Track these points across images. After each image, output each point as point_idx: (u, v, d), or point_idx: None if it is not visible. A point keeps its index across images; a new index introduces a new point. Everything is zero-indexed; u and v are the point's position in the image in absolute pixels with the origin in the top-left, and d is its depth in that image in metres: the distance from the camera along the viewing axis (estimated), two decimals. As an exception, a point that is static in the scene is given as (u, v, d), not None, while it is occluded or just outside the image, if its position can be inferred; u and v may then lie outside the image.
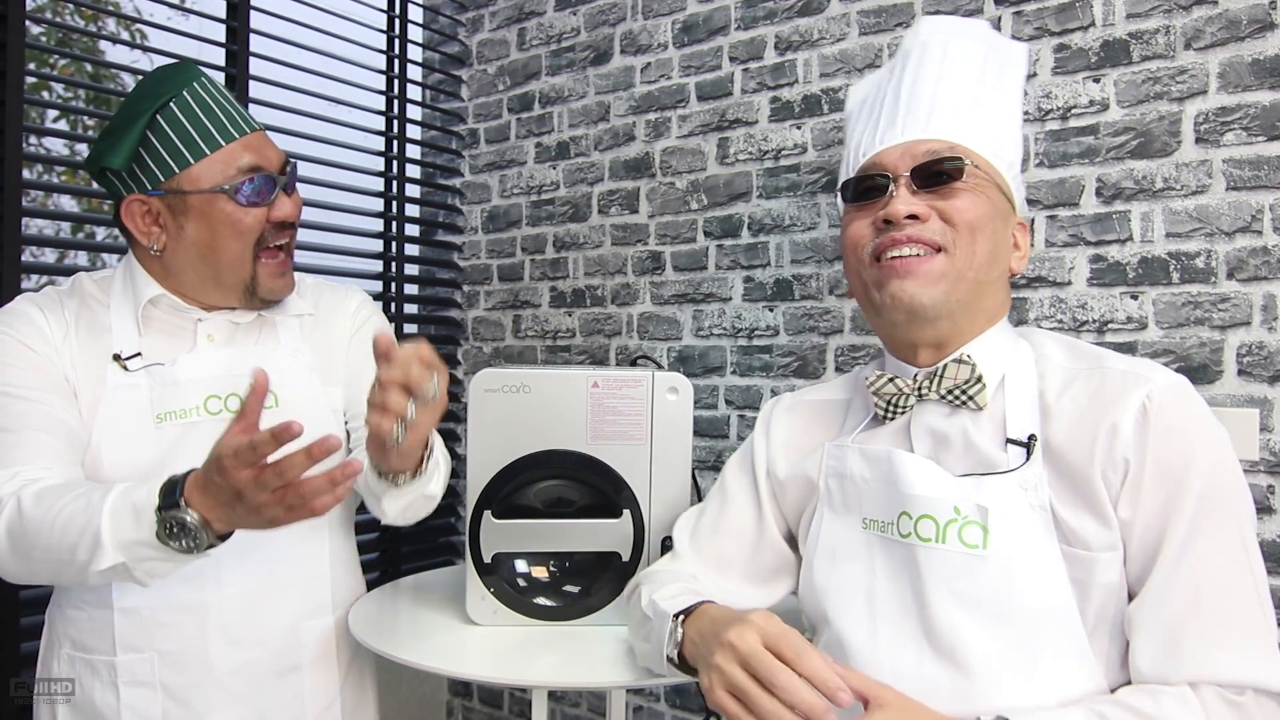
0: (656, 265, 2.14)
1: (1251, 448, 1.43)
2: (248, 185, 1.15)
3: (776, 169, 1.96)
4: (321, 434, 1.17)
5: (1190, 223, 1.50)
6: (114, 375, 1.16)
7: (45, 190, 2.42)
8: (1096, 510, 0.87)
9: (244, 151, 1.16)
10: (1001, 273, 1.00)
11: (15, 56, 1.64)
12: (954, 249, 0.94)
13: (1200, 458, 0.85)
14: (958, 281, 0.94)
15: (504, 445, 1.29)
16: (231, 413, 1.17)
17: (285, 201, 1.20)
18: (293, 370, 1.24)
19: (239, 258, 1.18)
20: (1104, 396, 0.89)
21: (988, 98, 1.02)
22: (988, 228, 0.95)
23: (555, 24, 2.34)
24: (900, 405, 1.00)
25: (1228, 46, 1.47)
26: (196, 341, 1.21)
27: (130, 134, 1.14)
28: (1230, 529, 0.84)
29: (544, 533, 1.30)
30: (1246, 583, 0.83)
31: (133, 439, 1.15)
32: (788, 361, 1.94)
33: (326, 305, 1.34)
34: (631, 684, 1.16)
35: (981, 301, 0.98)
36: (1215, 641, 0.81)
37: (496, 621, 1.30)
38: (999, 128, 1.01)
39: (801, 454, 1.10)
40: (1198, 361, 1.49)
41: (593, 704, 2.27)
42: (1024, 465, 0.90)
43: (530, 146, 2.39)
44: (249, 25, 2.05)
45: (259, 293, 1.21)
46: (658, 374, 1.30)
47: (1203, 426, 0.87)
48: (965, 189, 0.95)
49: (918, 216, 0.94)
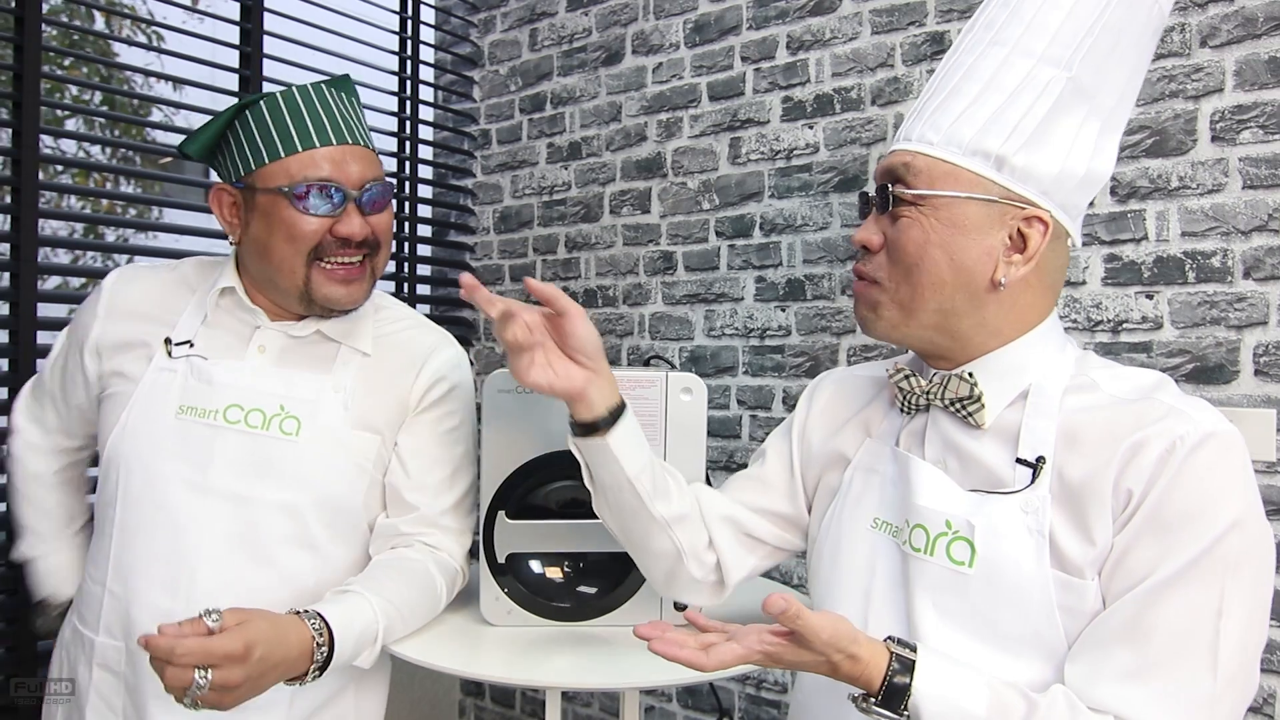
0: (668, 265, 2.14)
1: (1268, 448, 1.42)
2: (313, 194, 1.15)
3: (788, 169, 1.95)
4: (331, 476, 1.18)
5: (1206, 221, 1.49)
6: (159, 358, 1.19)
7: (61, 192, 2.44)
8: (1097, 536, 0.84)
9: (321, 161, 1.16)
10: (980, 290, 0.92)
11: (32, 59, 1.65)
12: (888, 283, 0.94)
13: (1217, 514, 0.80)
14: (904, 312, 0.94)
15: (518, 446, 1.29)
16: (251, 427, 1.16)
17: (354, 219, 1.17)
18: (328, 405, 1.20)
19: (290, 263, 1.16)
20: (1138, 423, 0.85)
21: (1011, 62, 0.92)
22: (933, 257, 0.91)
23: (567, 24, 2.34)
24: (914, 405, 0.99)
25: (1244, 44, 1.46)
26: (247, 349, 1.21)
27: (212, 125, 1.19)
28: (1214, 591, 0.79)
29: (558, 533, 1.30)
30: (1203, 647, 0.79)
31: (152, 423, 1.16)
32: (800, 361, 1.93)
33: (401, 356, 1.27)
34: (645, 685, 1.16)
35: (966, 322, 0.93)
36: (1139, 681, 0.79)
37: (510, 622, 1.30)
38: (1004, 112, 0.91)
39: (838, 424, 1.10)
40: (1214, 361, 1.48)
41: (605, 704, 2.27)
42: (1028, 488, 0.88)
43: (542, 147, 2.40)
44: (263, 28, 2.06)
45: (315, 298, 1.18)
46: (671, 374, 1.29)
47: (1232, 483, 0.82)
48: (905, 216, 0.92)
49: (868, 247, 0.95)
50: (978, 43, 0.95)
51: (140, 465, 1.15)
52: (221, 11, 2.06)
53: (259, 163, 1.16)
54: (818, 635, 0.78)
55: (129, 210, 5.07)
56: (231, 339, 1.22)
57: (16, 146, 1.66)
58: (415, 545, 1.25)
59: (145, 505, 1.15)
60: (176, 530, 1.14)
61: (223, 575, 1.14)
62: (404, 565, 1.22)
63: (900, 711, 0.80)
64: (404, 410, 1.26)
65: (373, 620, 1.11)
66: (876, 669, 0.81)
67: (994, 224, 0.91)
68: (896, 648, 0.82)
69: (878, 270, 0.94)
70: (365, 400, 1.23)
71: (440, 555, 1.27)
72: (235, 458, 1.15)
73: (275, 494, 1.15)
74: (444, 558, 1.28)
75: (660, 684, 1.20)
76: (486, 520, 1.29)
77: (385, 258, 1.26)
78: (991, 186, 0.91)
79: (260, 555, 1.15)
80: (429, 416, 1.27)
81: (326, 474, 1.18)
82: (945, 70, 0.97)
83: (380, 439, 1.23)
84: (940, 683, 0.81)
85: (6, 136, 1.71)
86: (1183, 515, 0.80)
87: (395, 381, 1.26)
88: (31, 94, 1.65)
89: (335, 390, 1.21)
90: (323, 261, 1.17)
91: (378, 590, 1.14)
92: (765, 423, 1.97)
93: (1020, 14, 0.93)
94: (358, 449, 1.21)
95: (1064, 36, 0.92)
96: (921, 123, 0.94)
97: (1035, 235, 0.92)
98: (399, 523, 1.24)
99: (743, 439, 1.99)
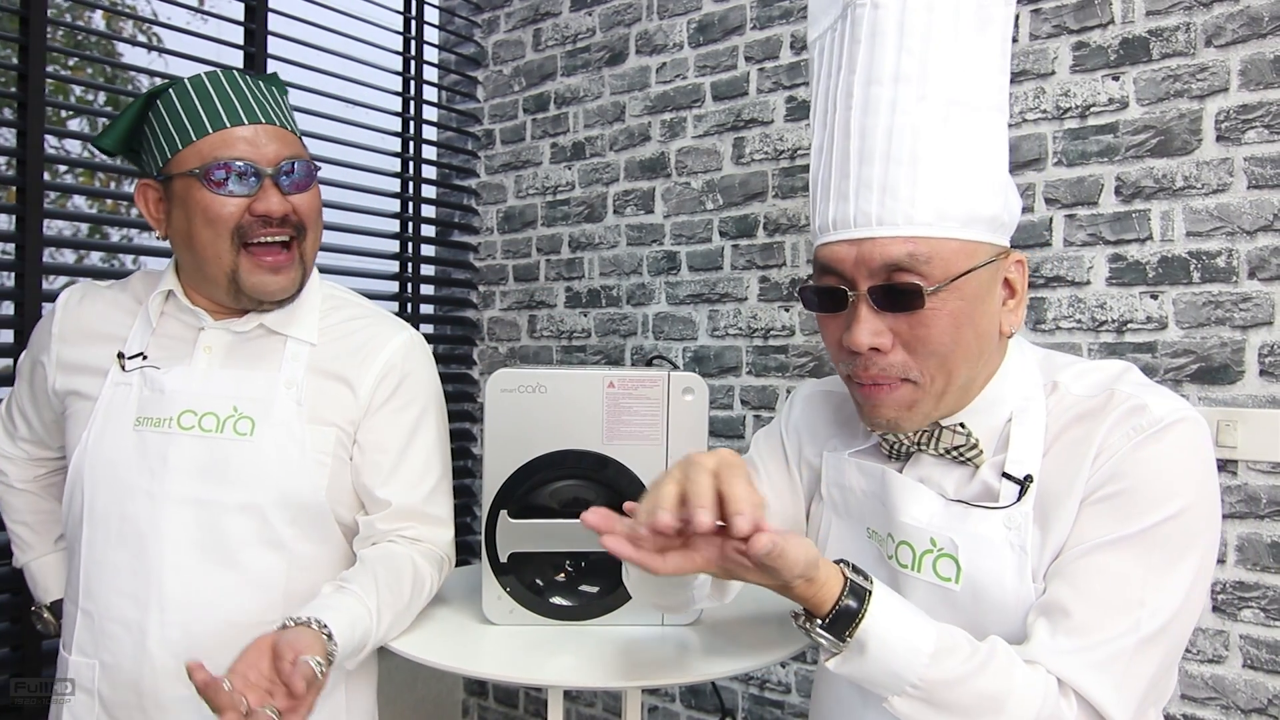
0: (672, 265, 2.14)
1: (1274, 448, 1.42)
2: (225, 173, 1.11)
3: (792, 168, 1.95)
4: (289, 472, 1.16)
5: (1211, 221, 1.48)
6: (114, 373, 1.18)
7: (65, 192, 2.45)
8: (1057, 539, 0.85)
9: (233, 140, 1.13)
10: (991, 347, 0.91)
11: (36, 59, 1.65)
12: (922, 378, 0.87)
13: (1170, 497, 0.81)
14: (936, 400, 0.89)
15: (520, 445, 1.29)
16: (205, 431, 1.15)
17: (272, 196, 1.13)
18: (281, 402, 1.18)
19: (214, 248, 1.13)
20: (1099, 422, 0.85)
21: (962, 108, 0.87)
22: (964, 337, 0.87)
23: (570, 25, 2.34)
24: (899, 452, 0.97)
25: (1249, 44, 1.45)
26: (194, 352, 1.19)
27: (124, 117, 1.17)
28: (1152, 562, 0.81)
29: (560, 533, 1.30)
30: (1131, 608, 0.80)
31: (111, 438, 1.16)
32: (803, 362, 1.93)
33: (349, 348, 1.24)
34: (647, 684, 1.16)
35: (972, 382, 0.92)
36: (1066, 635, 0.80)
37: (512, 621, 1.30)
38: (974, 169, 0.87)
39: (815, 438, 1.10)
40: (1219, 362, 1.47)
41: (608, 704, 2.27)
42: (1014, 504, 0.88)
43: (546, 147, 2.40)
44: (267, 28, 2.06)
45: (244, 288, 1.15)
46: (673, 374, 1.29)
47: (1188, 470, 0.83)
48: (931, 311, 0.84)
49: (879, 349, 0.86)
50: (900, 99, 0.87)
51: (103, 481, 1.15)
52: (226, 12, 2.07)
53: (173, 150, 1.13)
54: (791, 569, 0.76)
55: (133, 210, 5.07)
56: (178, 345, 1.20)
57: (21, 146, 1.66)
58: (398, 540, 1.24)
59: (111, 520, 1.14)
60: (141, 541, 1.13)
61: (189, 583, 1.12)
62: (390, 561, 1.20)
63: (844, 637, 0.79)
64: (357, 403, 1.22)
65: (369, 630, 1.11)
66: (829, 593, 0.79)
67: (995, 281, 0.90)
68: (852, 575, 0.81)
69: (904, 370, 0.87)
70: (317, 394, 1.20)
71: (423, 547, 1.26)
72: (192, 463, 1.14)
73: (235, 496, 1.14)
74: (427, 548, 1.26)
75: (663, 684, 1.20)
76: (488, 520, 1.29)
77: (314, 243, 1.22)
78: (989, 249, 0.88)
79: (226, 559, 1.14)
80: (387, 409, 1.24)
81: (285, 471, 1.16)
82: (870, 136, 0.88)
83: (336, 431, 1.21)
84: (890, 616, 0.80)
85: (11, 136, 1.72)
86: (1135, 495, 0.82)
87: (346, 374, 1.23)
88: (36, 94, 1.65)
89: (287, 386, 1.19)
90: (249, 246, 1.14)
91: (374, 592, 1.13)
92: (768, 423, 1.96)
93: (926, 61, 0.87)
94: (314, 443, 1.18)
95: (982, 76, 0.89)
96: (891, 201, 0.85)
97: (1017, 275, 0.92)
98: (375, 519, 1.23)
99: (746, 439, 1.99)
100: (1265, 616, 1.44)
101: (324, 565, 1.21)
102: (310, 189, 1.20)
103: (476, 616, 1.32)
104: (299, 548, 1.18)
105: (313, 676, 0.94)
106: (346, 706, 1.25)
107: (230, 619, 1.12)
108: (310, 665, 0.94)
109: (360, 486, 1.23)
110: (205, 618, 1.12)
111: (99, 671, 1.14)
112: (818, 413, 1.12)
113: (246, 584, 1.14)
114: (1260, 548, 1.44)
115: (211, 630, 1.11)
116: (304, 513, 1.18)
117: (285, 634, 0.98)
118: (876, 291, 0.85)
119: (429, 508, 1.27)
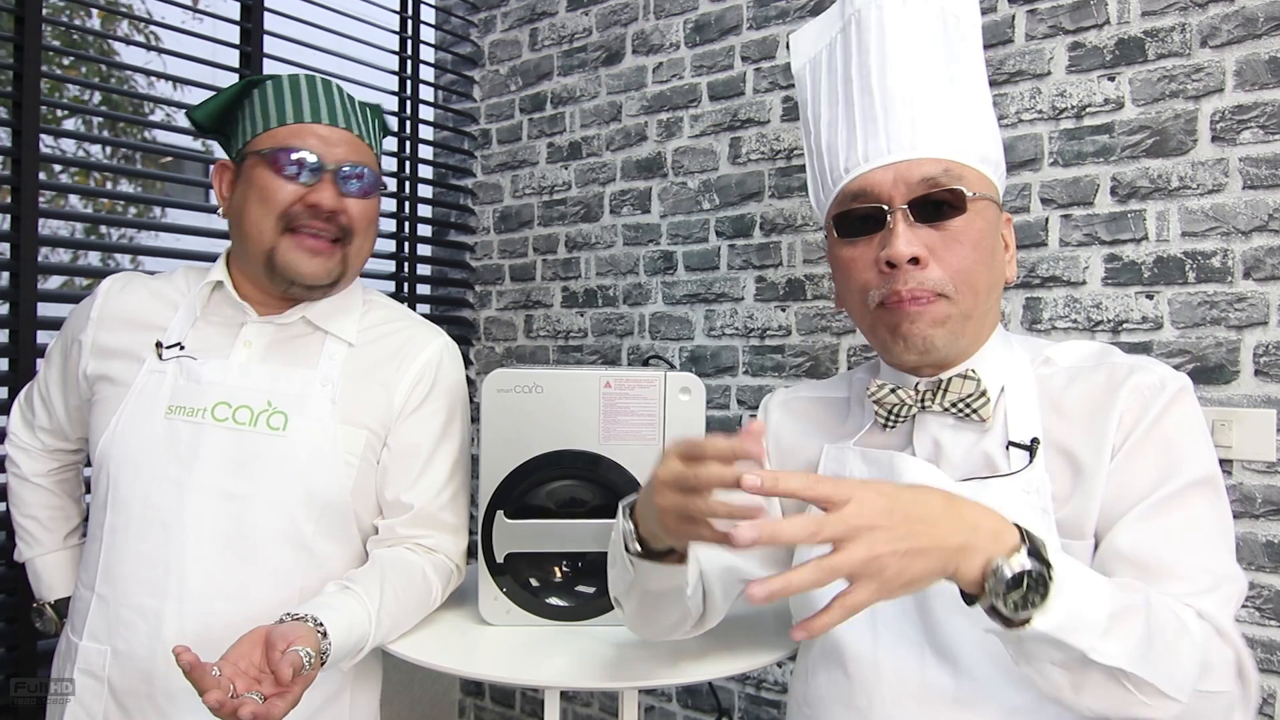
0: (668, 265, 2.14)
1: (1269, 448, 1.42)
2: (289, 159, 1.14)
3: (789, 168, 1.95)
4: (319, 470, 1.17)
5: (1206, 222, 1.49)
6: (150, 361, 1.19)
7: (61, 191, 2.44)
8: (1096, 489, 0.88)
9: (307, 134, 1.16)
10: (999, 288, 0.97)
11: (32, 58, 1.65)
12: (955, 294, 0.91)
13: (1196, 449, 0.87)
14: (964, 321, 0.92)
15: (516, 445, 1.29)
16: (239, 424, 1.16)
17: (326, 190, 1.16)
18: (316, 399, 1.19)
19: (259, 226, 1.15)
20: (1113, 379, 0.91)
21: (963, 78, 0.97)
22: (986, 259, 0.93)
23: (567, 24, 2.34)
24: (902, 415, 0.98)
25: (1244, 44, 1.46)
26: (235, 346, 1.20)
27: (220, 96, 1.21)
28: (1216, 502, 0.87)
29: (557, 533, 1.30)
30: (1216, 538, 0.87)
31: (141, 425, 1.16)
32: (800, 361, 1.93)
33: (388, 352, 1.26)
34: (644, 684, 1.16)
35: (984, 320, 0.96)
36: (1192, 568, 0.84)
37: (509, 621, 1.30)
38: (980, 121, 0.97)
39: (792, 452, 1.09)
40: (1214, 361, 1.47)
41: (605, 704, 2.27)
42: (1026, 468, 0.89)
43: (542, 147, 2.40)
44: (263, 27, 2.06)
45: (279, 266, 1.16)
46: (670, 374, 1.29)
47: (1199, 423, 0.90)
48: (964, 223, 0.91)
49: (919, 260, 0.90)
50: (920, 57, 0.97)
51: (129, 467, 1.15)
52: (222, 11, 2.06)
53: (254, 133, 1.17)
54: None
55: (129, 210, 5.08)
56: (219, 337, 1.21)
57: (16, 146, 1.66)
58: (414, 548, 1.25)
59: (134, 507, 1.14)
60: (165, 530, 1.13)
61: (210, 574, 1.13)
62: (402, 568, 1.21)
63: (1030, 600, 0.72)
64: (391, 406, 1.24)
65: (366, 633, 1.11)
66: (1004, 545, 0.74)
67: (999, 224, 0.97)
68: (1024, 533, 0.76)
69: (939, 284, 0.90)
70: (352, 395, 1.22)
71: (437, 558, 1.27)
72: (222, 455, 1.15)
73: (263, 490, 1.15)
74: (441, 559, 1.27)
75: (660, 684, 1.20)
76: (485, 520, 1.29)
77: (360, 250, 1.23)
78: (996, 192, 0.96)
79: (248, 553, 1.14)
80: (419, 414, 1.26)
81: (314, 468, 1.17)
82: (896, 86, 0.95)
83: (368, 433, 1.22)
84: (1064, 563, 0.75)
85: (6, 136, 1.71)
86: (1179, 442, 0.87)
87: (382, 377, 1.24)
88: (31, 93, 1.65)
89: (323, 384, 1.20)
90: (295, 231, 1.16)
91: (377, 597, 1.14)
92: (765, 423, 1.97)
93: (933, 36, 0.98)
94: (345, 443, 1.20)
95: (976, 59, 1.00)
96: (924, 129, 0.93)
97: (1008, 232, 1.00)
98: (396, 524, 1.24)
99: (742, 439, 1.99)
100: (1260, 616, 1.44)
101: (340, 565, 1.22)
102: (369, 199, 1.22)
103: (473, 617, 1.32)
104: (319, 546, 1.19)
105: (300, 666, 0.94)
106: (350, 711, 1.25)
107: (247, 612, 1.12)
108: (299, 655, 0.95)
109: (385, 487, 1.24)
110: (223, 610, 1.13)
111: (110, 658, 1.14)
112: (802, 415, 1.12)
113: (266, 578, 1.15)
114: (1255, 547, 1.44)
115: (228, 622, 1.11)
116: (328, 511, 1.19)
117: (280, 626, 0.99)
118: (915, 204, 0.91)
119: (447, 514, 1.28)
